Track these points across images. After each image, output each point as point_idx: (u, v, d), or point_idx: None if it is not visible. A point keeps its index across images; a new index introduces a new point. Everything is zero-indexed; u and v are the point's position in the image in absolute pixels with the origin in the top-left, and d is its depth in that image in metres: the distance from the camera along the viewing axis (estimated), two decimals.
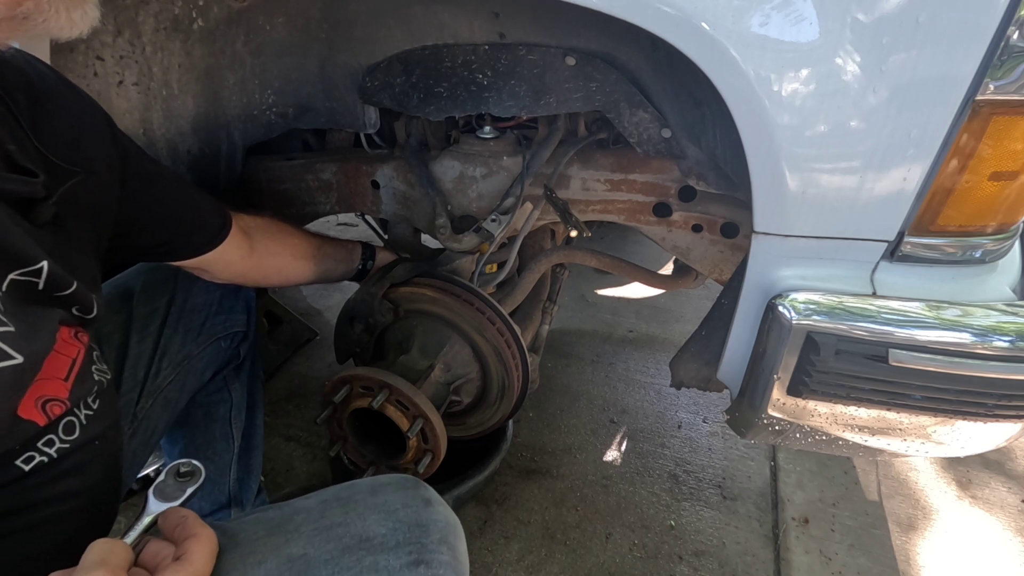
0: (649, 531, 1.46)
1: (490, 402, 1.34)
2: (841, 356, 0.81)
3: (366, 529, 0.65)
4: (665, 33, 0.72)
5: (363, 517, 0.66)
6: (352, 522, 0.65)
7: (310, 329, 2.15)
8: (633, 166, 1.19)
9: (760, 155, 0.77)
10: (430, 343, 1.26)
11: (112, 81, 0.99)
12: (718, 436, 1.76)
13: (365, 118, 1.17)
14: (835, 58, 0.70)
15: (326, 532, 0.64)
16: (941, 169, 0.74)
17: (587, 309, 2.41)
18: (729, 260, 1.20)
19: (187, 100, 1.09)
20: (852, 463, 1.66)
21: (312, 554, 0.62)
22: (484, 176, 1.21)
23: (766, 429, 0.94)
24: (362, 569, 0.61)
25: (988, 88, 0.68)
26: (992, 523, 1.52)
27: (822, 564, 1.38)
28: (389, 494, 0.69)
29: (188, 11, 1.01)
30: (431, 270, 1.26)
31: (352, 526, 0.65)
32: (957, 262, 0.84)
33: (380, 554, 0.62)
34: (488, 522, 1.47)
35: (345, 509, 0.67)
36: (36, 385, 0.61)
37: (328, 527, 0.65)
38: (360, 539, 0.64)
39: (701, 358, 1.10)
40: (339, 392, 1.15)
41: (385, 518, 0.66)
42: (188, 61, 1.06)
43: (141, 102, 1.04)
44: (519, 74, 1.03)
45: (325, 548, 0.63)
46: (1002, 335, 0.77)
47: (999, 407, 0.81)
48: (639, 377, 2.01)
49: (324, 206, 1.35)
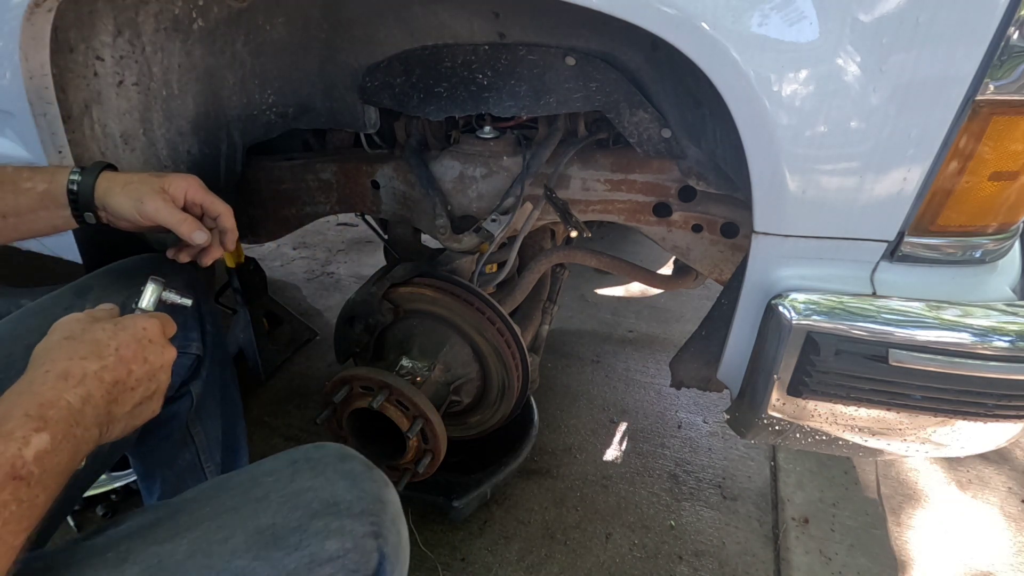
0: (649, 531, 1.46)
1: (490, 402, 1.34)
2: (841, 356, 0.81)
3: (334, 494, 0.66)
4: (665, 33, 0.72)
5: (331, 482, 0.67)
6: (320, 486, 0.66)
7: (310, 329, 2.15)
8: (633, 166, 1.19)
9: (760, 155, 0.77)
10: (430, 343, 1.26)
11: (112, 81, 0.99)
12: (718, 436, 1.76)
13: (365, 118, 1.17)
14: (835, 58, 0.70)
15: (295, 498, 0.65)
16: (941, 169, 0.74)
17: (587, 309, 2.41)
18: (729, 260, 1.20)
19: (187, 100, 1.09)
20: (852, 463, 1.66)
21: (280, 523, 0.63)
22: (484, 176, 1.21)
23: (766, 429, 0.94)
24: (330, 532, 0.62)
25: (988, 88, 0.68)
26: (992, 523, 1.51)
27: (822, 564, 1.38)
28: (355, 464, 0.71)
29: (188, 11, 1.01)
30: (431, 270, 1.26)
31: (321, 491, 0.66)
32: (957, 262, 0.84)
33: (347, 518, 0.64)
34: (488, 522, 1.47)
35: (314, 472, 0.68)
36: None
37: (297, 492, 0.66)
38: (328, 503, 0.65)
39: (701, 358, 1.10)
40: (339, 392, 1.15)
41: (351, 485, 0.67)
42: (188, 61, 1.06)
43: (141, 102, 1.04)
44: (519, 74, 1.03)
45: (294, 516, 0.63)
46: (1002, 335, 0.77)
47: (999, 407, 0.81)
48: (639, 377, 2.01)
49: (324, 206, 1.35)
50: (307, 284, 2.54)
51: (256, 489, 0.67)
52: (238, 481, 0.69)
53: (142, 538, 0.61)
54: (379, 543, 0.65)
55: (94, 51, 0.96)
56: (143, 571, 0.58)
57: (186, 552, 0.60)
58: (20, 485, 0.50)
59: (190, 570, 0.58)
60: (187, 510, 0.65)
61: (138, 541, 0.61)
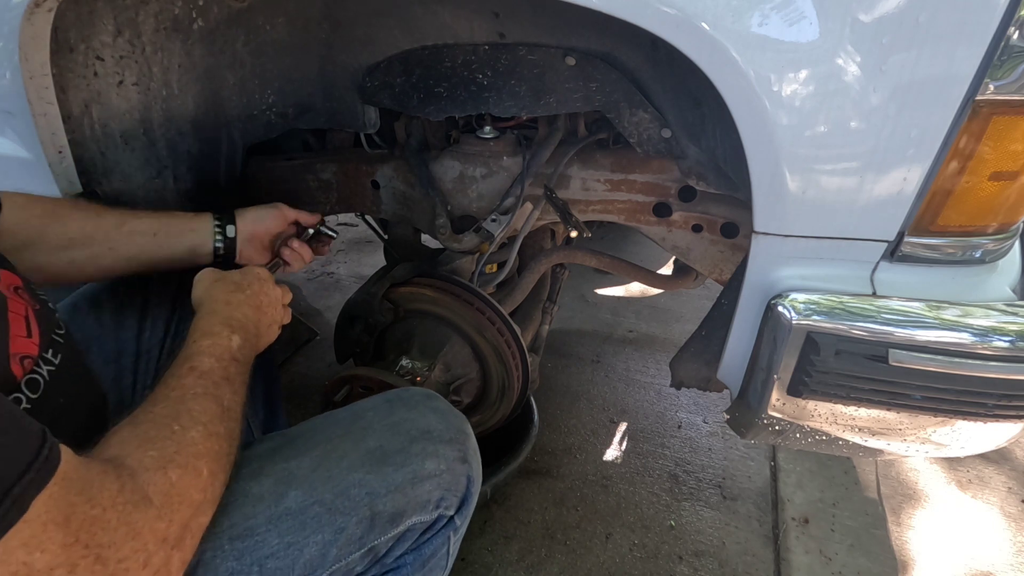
0: (649, 531, 1.46)
1: (490, 402, 1.34)
2: (841, 356, 0.81)
3: (428, 424, 0.78)
4: (665, 33, 0.72)
5: (424, 415, 0.79)
6: (416, 418, 0.78)
7: (310, 329, 2.15)
8: (633, 166, 1.19)
9: (760, 155, 0.77)
10: (430, 343, 1.26)
11: (112, 81, 0.99)
12: (718, 436, 1.76)
13: (365, 118, 1.17)
14: (835, 58, 0.70)
15: (395, 427, 0.76)
16: (941, 169, 0.74)
17: (587, 309, 2.41)
18: (729, 260, 1.20)
19: (187, 100, 1.09)
20: (852, 463, 1.66)
21: (386, 445, 0.74)
22: (484, 176, 1.21)
23: (766, 429, 0.94)
24: (427, 455, 0.74)
25: (988, 88, 0.68)
26: (992, 523, 1.51)
27: (822, 564, 1.38)
28: (440, 402, 0.83)
29: (188, 11, 1.01)
30: (431, 270, 1.26)
31: (417, 421, 0.78)
32: (957, 262, 0.84)
33: (440, 444, 0.76)
34: (488, 522, 1.47)
35: (408, 407, 0.80)
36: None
37: (397, 423, 0.77)
38: (423, 431, 0.76)
39: (701, 358, 1.10)
40: (339, 392, 1.15)
41: (441, 418, 0.79)
42: (188, 61, 1.06)
43: (141, 102, 1.04)
44: (519, 74, 1.03)
45: (396, 440, 0.74)
46: (1002, 335, 0.77)
47: (999, 407, 0.81)
48: (639, 377, 2.01)
49: (324, 206, 1.35)
50: (307, 284, 2.54)
51: (360, 420, 0.78)
52: (342, 416, 0.80)
53: (270, 458, 0.71)
54: (466, 468, 0.77)
55: (94, 51, 0.96)
56: (276, 481, 0.68)
57: (310, 466, 0.70)
58: (237, 365, 0.72)
59: (315, 480, 0.69)
60: (303, 436, 0.76)
61: (267, 461, 0.71)
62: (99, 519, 0.49)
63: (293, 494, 0.67)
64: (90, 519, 0.48)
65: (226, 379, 0.69)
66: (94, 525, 0.48)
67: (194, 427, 0.61)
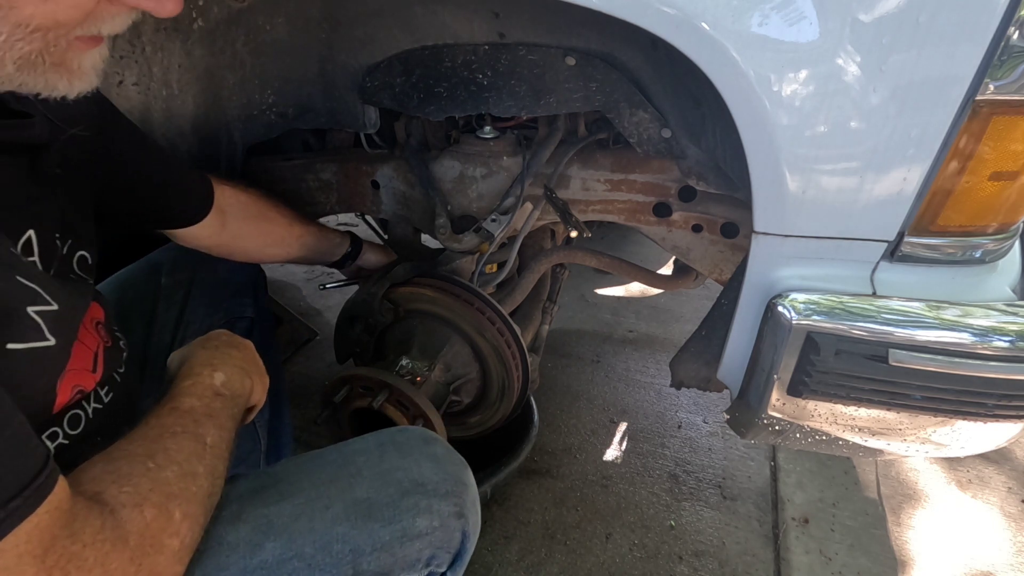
0: (649, 531, 1.46)
1: (490, 402, 1.34)
2: (841, 356, 0.81)
3: (422, 475, 0.72)
4: (665, 33, 0.72)
5: (418, 463, 0.74)
6: (409, 467, 0.73)
7: (310, 329, 2.15)
8: (633, 166, 1.19)
9: (760, 155, 0.77)
10: (430, 343, 1.26)
11: (112, 81, 0.99)
12: (718, 436, 1.76)
13: (365, 118, 1.17)
14: (835, 58, 0.69)
15: (386, 476, 0.71)
16: (941, 169, 0.74)
17: (587, 309, 2.41)
18: (729, 260, 1.20)
19: (187, 100, 1.09)
20: (852, 463, 1.66)
21: (375, 498, 0.69)
22: (484, 176, 1.21)
23: (766, 429, 0.94)
24: (419, 510, 0.69)
25: (988, 88, 0.68)
26: (992, 523, 1.51)
27: (822, 564, 1.38)
28: (438, 447, 0.78)
29: (188, 11, 1.01)
30: (431, 270, 1.26)
31: (410, 471, 0.72)
32: (957, 262, 0.84)
33: (434, 499, 0.70)
34: (488, 522, 1.47)
35: (401, 454, 0.75)
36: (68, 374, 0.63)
37: (388, 471, 0.72)
38: (416, 483, 0.71)
39: (701, 358, 1.10)
40: (339, 392, 1.15)
41: (437, 468, 0.74)
42: (188, 61, 1.06)
43: (141, 102, 1.04)
44: (519, 74, 1.03)
45: (386, 492, 0.70)
46: (1002, 335, 0.77)
47: (999, 407, 0.81)
48: (639, 377, 2.01)
49: (324, 206, 1.35)
50: (307, 284, 2.54)
51: (349, 465, 0.73)
52: (331, 458, 0.75)
53: (250, 501, 0.68)
54: (462, 523, 0.71)
55: None
56: (254, 529, 0.64)
57: (291, 514, 0.66)
58: (222, 400, 0.70)
59: (296, 531, 0.65)
60: (287, 479, 0.71)
61: (247, 503, 0.67)
62: (77, 556, 0.47)
63: (271, 545, 0.63)
64: (68, 555, 0.47)
65: (209, 415, 0.67)
66: (70, 563, 0.47)
67: (169, 466, 0.59)
